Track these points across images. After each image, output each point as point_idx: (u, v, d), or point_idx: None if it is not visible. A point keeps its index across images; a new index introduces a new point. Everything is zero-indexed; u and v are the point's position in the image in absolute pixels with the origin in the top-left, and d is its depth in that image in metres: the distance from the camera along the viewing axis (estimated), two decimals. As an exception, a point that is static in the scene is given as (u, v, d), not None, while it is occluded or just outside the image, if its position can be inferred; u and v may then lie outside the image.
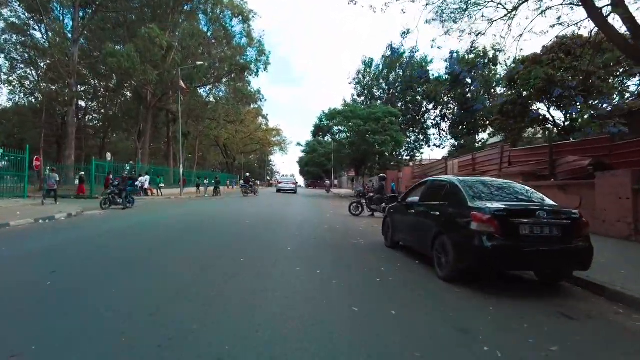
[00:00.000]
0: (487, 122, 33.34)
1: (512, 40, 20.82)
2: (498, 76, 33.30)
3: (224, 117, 50.46)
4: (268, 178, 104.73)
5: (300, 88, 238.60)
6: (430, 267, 5.71)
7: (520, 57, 20.59)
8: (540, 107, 22.21)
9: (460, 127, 34.81)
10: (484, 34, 13.07)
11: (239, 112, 45.20)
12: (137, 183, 26.73)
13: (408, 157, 40.20)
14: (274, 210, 16.05)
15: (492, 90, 34.13)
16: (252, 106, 64.23)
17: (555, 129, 27.23)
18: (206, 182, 30.67)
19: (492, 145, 30.11)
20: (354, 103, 33.29)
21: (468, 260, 4.82)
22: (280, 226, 10.23)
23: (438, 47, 15.79)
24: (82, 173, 25.72)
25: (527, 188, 5.64)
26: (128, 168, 33.24)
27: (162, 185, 25.73)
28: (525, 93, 21.38)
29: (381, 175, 15.26)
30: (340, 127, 29.46)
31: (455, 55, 11.22)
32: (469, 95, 33.71)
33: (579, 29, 13.29)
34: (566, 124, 21.31)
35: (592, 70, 16.41)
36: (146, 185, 27.36)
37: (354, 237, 8.80)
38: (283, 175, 55.17)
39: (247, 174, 44.54)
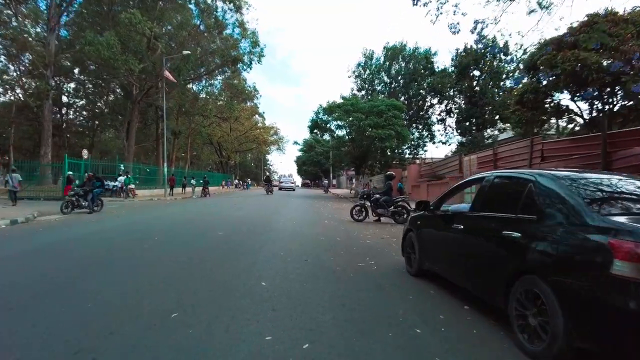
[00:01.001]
0: (497, 117, 31.03)
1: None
2: (508, 67, 31.03)
3: (216, 114, 48.08)
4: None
5: (299, 88, 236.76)
6: (497, 322, 3.39)
7: (542, 40, 18.30)
8: (562, 97, 19.96)
9: (468, 123, 32.42)
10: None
11: (232, 109, 42.74)
12: (115, 183, 24.52)
13: (411, 155, 37.88)
14: (263, 215, 13.66)
15: (502, 83, 31.86)
16: (248, 104, 61.95)
17: (569, 121, 24.76)
18: (193, 182, 28.24)
19: (503, 142, 27.77)
20: (353, 97, 30.85)
21: (602, 336, 2.45)
22: (262, 239, 7.82)
23: (462, 14, 13.00)
24: (70, 173, 23.62)
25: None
26: (122, 167, 31.35)
27: (132, 186, 23.37)
28: (545, 82, 19.12)
29: (388, 173, 12.86)
30: (339, 122, 26.99)
31: (480, 25, 8.85)
32: (477, 88, 31.35)
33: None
34: (593, 114, 19.04)
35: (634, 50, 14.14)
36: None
37: (362, 256, 6.39)
38: (283, 176, 60.41)
39: (268, 174, 50.72)
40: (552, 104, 19.32)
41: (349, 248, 7.13)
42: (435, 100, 35.86)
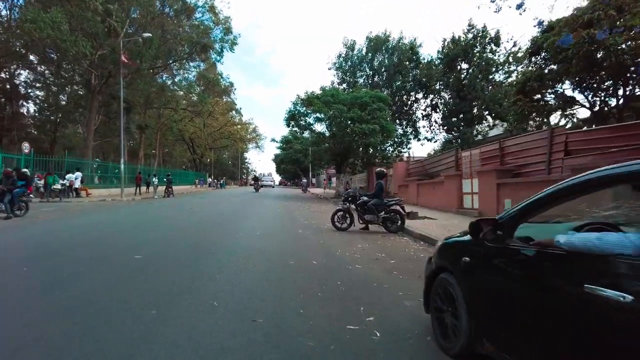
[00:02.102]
0: (487, 113, 29.18)
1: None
2: (500, 59, 29.17)
3: (186, 107, 44.85)
4: (244, 177, 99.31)
5: (278, 88, 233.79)
6: None
7: (549, 21, 16.33)
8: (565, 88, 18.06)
9: (455, 118, 30.41)
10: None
11: (204, 101, 39.70)
12: (64, 181, 21.55)
13: (394, 152, 35.69)
14: (220, 222, 11.03)
15: (491, 77, 30.03)
16: (224, 99, 58.72)
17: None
18: (155, 180, 25.20)
19: (494, 138, 25.85)
20: (333, 89, 28.24)
21: None
22: (196, 269, 5.18)
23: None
24: (26, 170, 20.48)
25: None
26: (95, 165, 28.95)
27: (57, 185, 20.37)
28: (547, 70, 17.13)
29: (379, 170, 10.38)
30: (318, 114, 24.36)
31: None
32: (465, 81, 29.36)
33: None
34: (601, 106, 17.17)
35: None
36: (77, 184, 21.95)
37: (351, 304, 3.83)
38: (263, 175, 69.72)
39: (256, 174, 66.35)
40: (557, 94, 17.37)
41: (330, 283, 4.61)
42: (420, 95, 33.75)
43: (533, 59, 17.44)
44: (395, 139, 33.16)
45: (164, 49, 32.33)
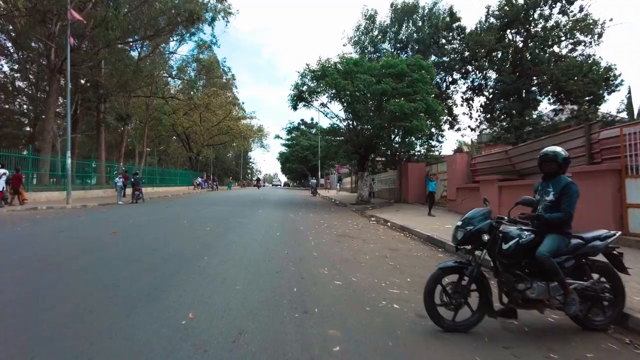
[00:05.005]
0: (552, 94, 22.40)
1: None
2: (568, 25, 22.43)
3: (175, 95, 38.61)
4: (247, 177, 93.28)
5: (285, 87, 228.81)
6: None
7: None
8: None
9: (502, 102, 23.63)
10: None
11: (195, 87, 33.43)
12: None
13: (424, 148, 28.98)
14: (120, 297, 4.61)
15: (550, 50, 23.31)
16: (228, 94, 52.68)
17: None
18: (118, 180, 18.89)
19: (568, 129, 19.19)
20: (355, 58, 21.13)
21: None
22: None
23: None
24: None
25: None
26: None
27: None
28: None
29: (554, 151, 3.63)
30: (335, 90, 17.48)
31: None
32: (522, 53, 22.63)
33: None
34: None
35: None
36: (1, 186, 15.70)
37: None
38: (272, 177, 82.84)
39: (259, 176, 79.02)
40: None
41: None
42: (457, 75, 27.01)
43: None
44: (424, 132, 26.35)
45: (143, 18, 26.14)
